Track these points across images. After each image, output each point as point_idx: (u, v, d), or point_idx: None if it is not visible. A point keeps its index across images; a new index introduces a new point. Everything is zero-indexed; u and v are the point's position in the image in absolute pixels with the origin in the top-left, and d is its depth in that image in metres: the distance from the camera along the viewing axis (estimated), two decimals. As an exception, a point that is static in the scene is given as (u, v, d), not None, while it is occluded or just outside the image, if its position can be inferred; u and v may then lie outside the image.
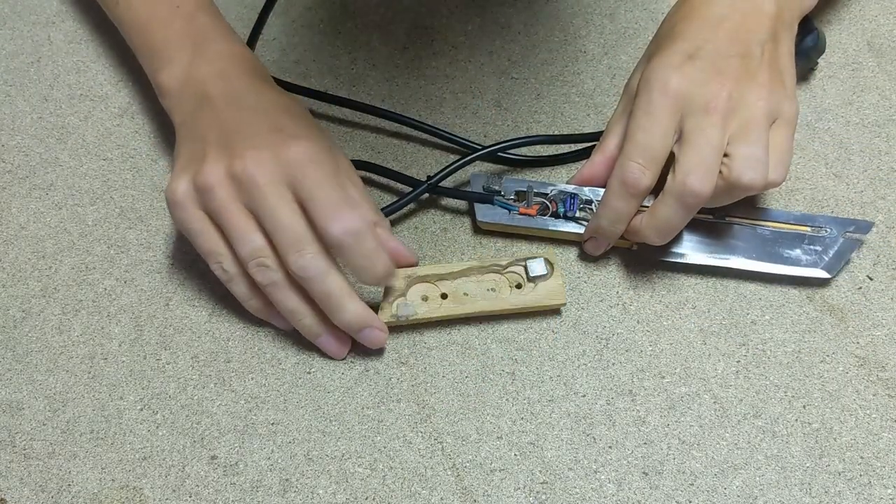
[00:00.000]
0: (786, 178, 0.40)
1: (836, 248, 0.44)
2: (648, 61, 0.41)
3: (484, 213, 0.45)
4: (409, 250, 0.42)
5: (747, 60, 0.39)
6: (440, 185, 0.45)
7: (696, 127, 0.39)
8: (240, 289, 0.41)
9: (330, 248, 0.38)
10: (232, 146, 0.39)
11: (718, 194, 0.39)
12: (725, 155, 0.39)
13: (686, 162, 0.39)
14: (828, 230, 0.44)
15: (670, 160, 0.40)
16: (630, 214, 0.42)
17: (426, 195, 0.47)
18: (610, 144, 0.44)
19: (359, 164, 0.47)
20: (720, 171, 0.39)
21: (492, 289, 0.43)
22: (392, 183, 0.48)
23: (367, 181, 0.48)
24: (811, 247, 0.44)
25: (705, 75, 0.39)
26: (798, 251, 0.44)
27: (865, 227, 0.44)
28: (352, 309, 0.39)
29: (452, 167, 0.45)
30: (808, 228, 0.44)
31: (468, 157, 0.46)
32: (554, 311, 0.44)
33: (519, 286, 0.43)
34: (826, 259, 0.44)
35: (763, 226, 0.44)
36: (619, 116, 0.44)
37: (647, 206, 0.42)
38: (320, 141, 0.40)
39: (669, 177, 0.39)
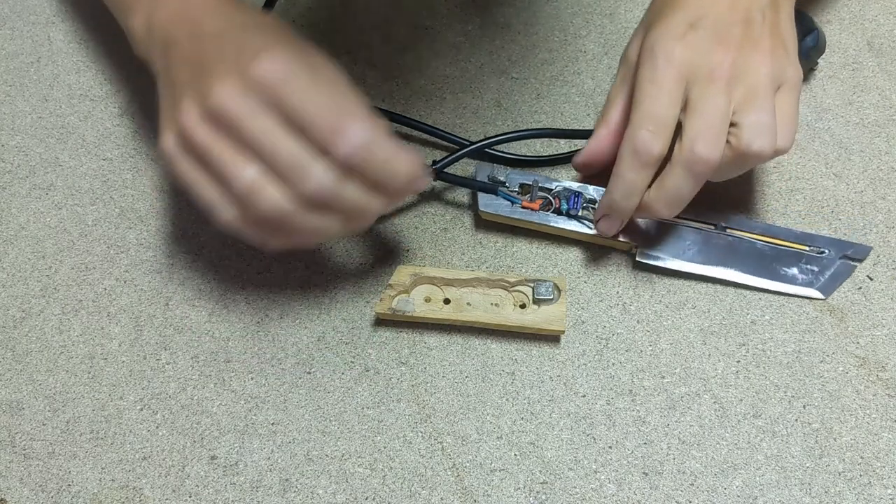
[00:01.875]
0: (793, 143, 0.39)
1: (832, 269, 0.44)
2: (647, 30, 0.41)
3: (486, 202, 0.44)
4: (414, 161, 0.36)
5: (749, 27, 0.39)
6: (445, 170, 0.45)
7: (701, 95, 0.38)
8: (255, 235, 0.36)
9: (342, 167, 0.34)
10: (199, 84, 0.35)
11: (727, 165, 0.39)
12: (733, 125, 0.38)
13: (693, 129, 0.38)
14: (826, 251, 0.44)
15: (676, 137, 0.39)
16: (643, 186, 0.40)
17: (430, 186, 0.46)
18: (613, 116, 0.43)
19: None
20: (729, 142, 0.38)
21: (495, 304, 0.42)
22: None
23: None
24: (808, 266, 0.44)
25: (708, 44, 0.39)
26: (795, 269, 0.44)
27: (864, 251, 0.44)
28: (378, 206, 0.36)
29: (456, 155, 0.45)
30: (807, 248, 0.44)
31: (467, 148, 0.46)
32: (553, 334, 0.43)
33: (523, 306, 0.42)
34: (822, 280, 0.44)
35: (763, 241, 0.44)
36: (618, 87, 0.43)
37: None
38: (287, 46, 0.35)
39: (676, 146, 0.39)
